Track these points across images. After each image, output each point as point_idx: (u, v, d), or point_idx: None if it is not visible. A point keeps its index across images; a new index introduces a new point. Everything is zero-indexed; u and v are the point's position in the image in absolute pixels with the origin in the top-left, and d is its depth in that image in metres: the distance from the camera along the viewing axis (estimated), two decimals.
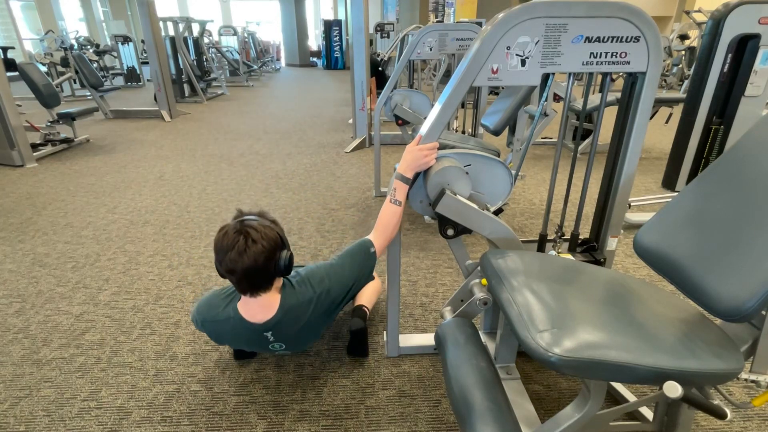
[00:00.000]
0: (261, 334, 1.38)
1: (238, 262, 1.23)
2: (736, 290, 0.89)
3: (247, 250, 1.23)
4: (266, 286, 1.33)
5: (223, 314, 1.39)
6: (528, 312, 0.97)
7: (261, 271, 1.27)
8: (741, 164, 1.07)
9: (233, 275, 1.28)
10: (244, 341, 1.47)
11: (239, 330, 1.38)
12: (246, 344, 1.51)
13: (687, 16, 8.61)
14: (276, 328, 1.37)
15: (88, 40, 10.78)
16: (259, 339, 1.40)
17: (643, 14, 1.19)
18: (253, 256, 1.23)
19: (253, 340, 1.42)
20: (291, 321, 1.38)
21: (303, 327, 1.41)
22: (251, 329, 1.37)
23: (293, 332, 1.41)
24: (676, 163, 2.52)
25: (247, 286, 1.30)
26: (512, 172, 1.41)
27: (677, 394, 0.82)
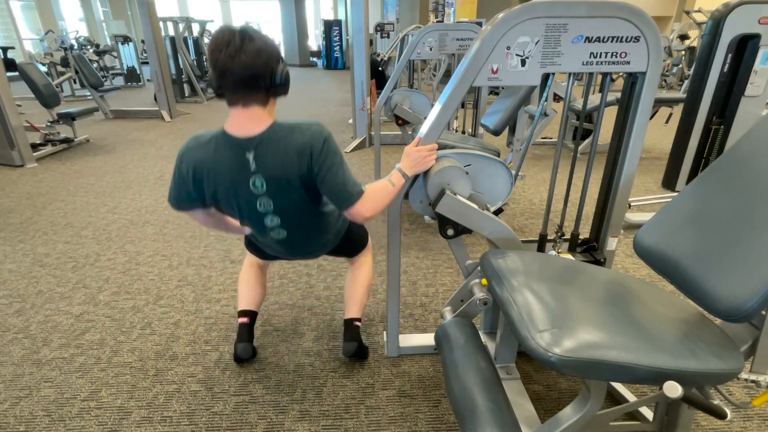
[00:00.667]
0: (243, 156, 1.24)
1: (235, 60, 1.12)
2: (736, 290, 0.89)
3: (244, 47, 1.12)
4: (260, 98, 1.21)
5: (208, 137, 1.27)
6: (528, 312, 0.97)
7: (258, 74, 1.16)
8: (741, 164, 1.07)
9: (227, 78, 1.15)
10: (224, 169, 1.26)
11: (221, 150, 1.24)
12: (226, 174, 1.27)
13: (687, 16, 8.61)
14: (259, 148, 1.23)
15: (88, 40, 10.78)
16: (240, 165, 1.25)
17: (643, 14, 1.19)
18: (251, 55, 1.13)
19: (233, 166, 1.25)
20: (275, 144, 1.24)
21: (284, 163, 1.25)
22: (233, 146, 1.23)
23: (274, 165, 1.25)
24: (676, 163, 2.52)
25: (241, 90, 1.18)
26: (512, 172, 1.41)
27: (677, 394, 0.82)
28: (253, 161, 1.25)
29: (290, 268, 2.33)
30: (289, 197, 1.33)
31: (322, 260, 2.40)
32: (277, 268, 2.33)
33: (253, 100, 1.21)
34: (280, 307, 2.00)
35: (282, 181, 1.29)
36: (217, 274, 2.28)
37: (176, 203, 1.36)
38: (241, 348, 1.60)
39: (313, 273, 2.28)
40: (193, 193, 1.32)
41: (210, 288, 2.16)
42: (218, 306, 2.02)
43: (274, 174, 1.27)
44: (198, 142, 1.28)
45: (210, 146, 1.26)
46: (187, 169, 1.29)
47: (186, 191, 1.32)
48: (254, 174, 1.27)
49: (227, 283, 2.20)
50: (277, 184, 1.29)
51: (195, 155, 1.27)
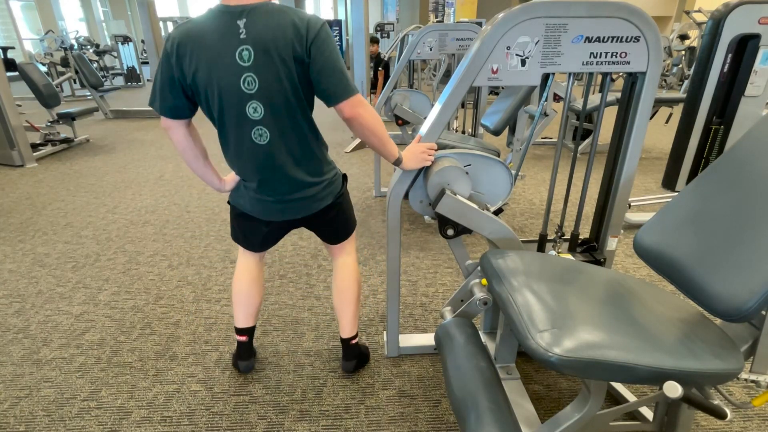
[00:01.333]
0: (233, 23, 1.15)
1: None
2: (736, 290, 0.89)
3: None
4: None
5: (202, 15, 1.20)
6: (528, 312, 0.97)
7: None
8: (741, 164, 1.07)
9: None
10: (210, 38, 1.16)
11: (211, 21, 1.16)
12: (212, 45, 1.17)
13: (687, 16, 8.61)
14: (252, 14, 1.15)
15: (88, 40, 10.78)
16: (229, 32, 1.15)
17: (643, 14, 1.19)
18: None
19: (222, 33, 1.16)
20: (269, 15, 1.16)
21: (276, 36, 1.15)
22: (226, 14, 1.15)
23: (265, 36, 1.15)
24: (676, 163, 2.52)
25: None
26: (512, 172, 1.41)
27: (677, 394, 0.82)
28: (244, 28, 1.15)
29: (290, 268, 2.33)
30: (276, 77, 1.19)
31: (322, 260, 2.41)
32: (277, 267, 2.33)
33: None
34: (280, 307, 2.00)
35: (272, 53, 1.16)
36: (217, 274, 2.28)
37: (160, 104, 1.24)
38: (243, 366, 1.59)
39: (313, 273, 2.29)
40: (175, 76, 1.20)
41: (210, 288, 2.16)
42: (218, 306, 2.02)
43: (264, 43, 1.15)
44: (193, 21, 1.20)
45: (202, 17, 1.18)
46: (172, 44, 1.18)
47: (169, 81, 1.21)
48: (243, 43, 1.16)
49: (227, 283, 2.20)
50: (266, 56, 1.16)
51: (184, 27, 1.18)
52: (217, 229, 2.81)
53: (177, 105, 1.24)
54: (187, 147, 1.33)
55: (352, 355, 1.58)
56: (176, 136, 1.30)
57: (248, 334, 1.58)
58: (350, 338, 1.57)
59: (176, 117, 1.26)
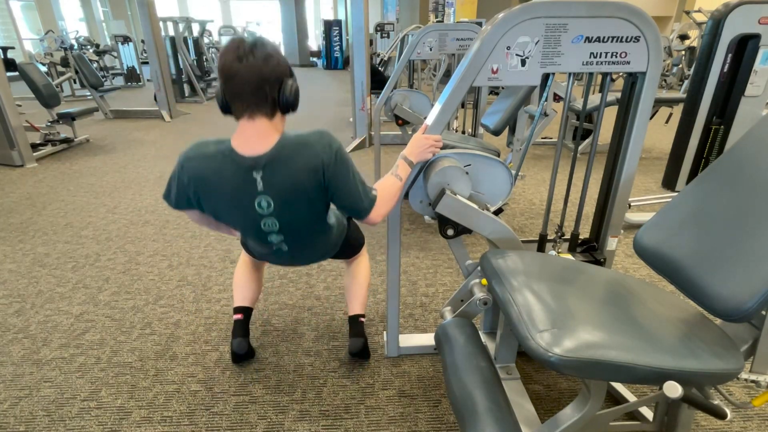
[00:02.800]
0: (250, 175, 1.19)
1: (242, 62, 1.09)
2: (736, 290, 0.89)
3: (254, 51, 1.09)
4: (266, 109, 1.16)
5: (213, 149, 1.21)
6: (528, 312, 0.97)
7: (264, 80, 1.12)
8: (741, 164, 1.07)
9: (233, 81, 1.11)
10: (227, 187, 1.22)
11: (226, 168, 1.19)
12: (229, 193, 1.23)
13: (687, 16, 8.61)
14: (268, 168, 1.19)
15: (88, 40, 10.77)
16: (246, 184, 1.21)
17: (643, 14, 1.19)
18: (260, 58, 1.10)
19: (238, 185, 1.21)
20: (285, 163, 1.19)
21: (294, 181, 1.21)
22: (239, 165, 1.19)
23: (284, 185, 1.21)
24: (676, 163, 2.52)
25: (247, 97, 1.14)
26: (512, 172, 1.41)
27: (677, 394, 0.82)
28: (261, 180, 1.21)
29: (290, 268, 2.33)
30: (296, 215, 1.30)
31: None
32: (276, 268, 2.33)
33: (258, 111, 1.16)
34: (280, 307, 2.00)
35: (291, 201, 1.25)
36: (217, 274, 2.28)
37: (174, 204, 1.33)
38: (236, 343, 1.60)
39: (313, 273, 2.28)
40: (192, 199, 1.29)
41: (210, 288, 2.16)
42: (218, 306, 2.02)
43: (283, 194, 1.23)
44: (202, 153, 1.22)
45: (215, 161, 1.20)
46: (188, 180, 1.24)
47: (185, 197, 1.29)
48: (261, 194, 1.23)
49: (227, 283, 2.20)
50: (285, 204, 1.26)
51: (198, 167, 1.22)
52: None
53: (191, 205, 1.34)
54: (203, 220, 1.44)
55: (359, 332, 1.63)
56: (192, 216, 1.42)
57: (244, 313, 1.65)
58: (358, 315, 1.66)
59: (190, 209, 1.36)
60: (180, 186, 1.27)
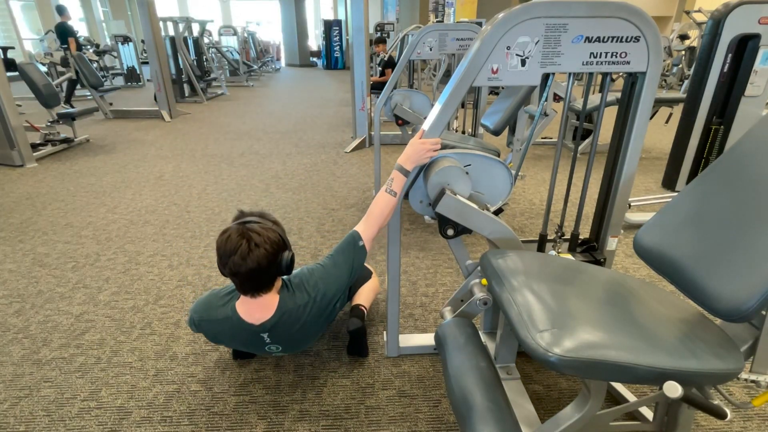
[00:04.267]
0: (258, 335, 1.39)
1: (242, 266, 1.26)
2: (736, 290, 0.89)
3: (250, 254, 1.26)
4: (268, 286, 1.35)
5: (221, 314, 1.40)
6: (528, 312, 0.97)
7: (264, 272, 1.30)
8: (741, 164, 1.07)
9: (237, 277, 1.30)
10: (240, 342, 1.47)
11: (236, 330, 1.39)
12: (242, 345, 1.51)
13: (687, 16, 8.61)
14: (273, 330, 1.38)
15: (88, 40, 10.78)
16: (256, 340, 1.41)
17: (643, 14, 1.19)
18: (256, 260, 1.26)
19: (249, 341, 1.42)
20: (288, 323, 1.39)
21: (300, 329, 1.42)
22: (248, 330, 1.38)
23: (290, 334, 1.42)
24: (676, 163, 2.52)
25: (249, 287, 1.33)
26: (512, 172, 1.41)
27: (677, 394, 0.82)
28: (269, 338, 1.41)
29: None
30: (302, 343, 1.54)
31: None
32: None
33: (261, 290, 1.34)
34: None
35: (298, 341, 1.48)
36: (217, 274, 2.28)
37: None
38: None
39: None
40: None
41: (210, 288, 2.16)
42: None
43: (291, 341, 1.46)
44: (211, 317, 1.43)
45: (224, 325, 1.41)
46: (205, 334, 1.50)
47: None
48: (271, 343, 1.44)
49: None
50: (293, 343, 1.48)
51: (209, 328, 1.45)
52: (217, 229, 2.81)
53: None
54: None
55: (357, 315, 1.69)
56: None
57: None
58: (360, 304, 1.73)
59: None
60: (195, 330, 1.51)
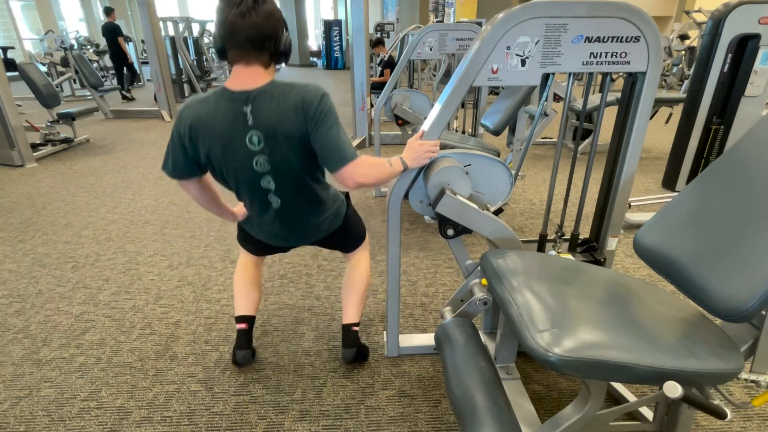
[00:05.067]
0: (240, 108, 1.24)
1: (245, 18, 1.15)
2: (736, 290, 0.89)
3: (256, 8, 1.16)
4: (263, 59, 1.23)
5: (208, 93, 1.29)
6: (528, 312, 0.97)
7: (266, 35, 1.20)
8: (741, 164, 1.07)
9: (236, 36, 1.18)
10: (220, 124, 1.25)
11: (219, 105, 1.25)
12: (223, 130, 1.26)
13: (687, 16, 8.61)
14: (257, 101, 1.23)
15: (88, 40, 10.78)
16: (237, 118, 1.24)
17: (643, 14, 1.19)
18: (262, 15, 1.17)
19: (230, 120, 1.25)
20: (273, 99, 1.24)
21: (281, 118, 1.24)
22: (231, 100, 1.24)
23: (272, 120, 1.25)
24: (676, 163, 2.52)
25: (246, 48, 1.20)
26: (512, 172, 1.41)
27: (677, 394, 0.82)
28: (250, 114, 1.25)
29: (290, 267, 2.33)
30: (285, 157, 1.30)
31: (322, 260, 2.40)
32: (277, 267, 2.33)
33: (256, 60, 1.23)
34: (280, 307, 2.00)
35: (278, 137, 1.27)
36: (217, 274, 2.28)
37: (172, 170, 1.34)
38: (241, 356, 1.58)
39: (313, 273, 2.28)
40: (189, 153, 1.30)
41: (210, 288, 2.16)
42: (218, 306, 2.02)
43: (271, 129, 1.26)
44: (197, 99, 1.29)
45: (209, 101, 1.27)
46: (184, 127, 1.28)
47: (182, 155, 1.31)
48: (251, 129, 1.26)
49: (227, 283, 2.20)
50: (274, 140, 1.28)
51: (193, 111, 1.28)
52: (217, 229, 2.81)
53: (189, 171, 1.35)
54: (201, 197, 1.45)
55: (351, 342, 1.60)
56: (191, 190, 1.42)
57: (248, 323, 1.62)
58: (351, 324, 1.62)
59: (189, 177, 1.37)
60: (177, 143, 1.30)
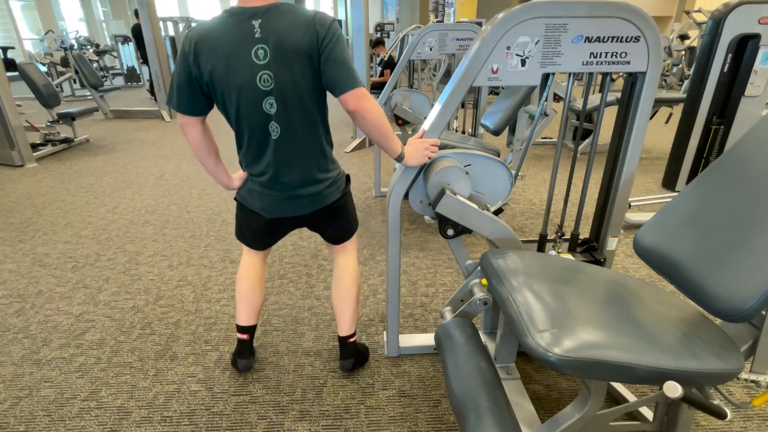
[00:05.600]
0: (249, 23, 1.21)
1: None
2: (736, 290, 0.89)
3: None
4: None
5: (217, 15, 1.26)
6: (528, 312, 0.97)
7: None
8: (741, 164, 1.07)
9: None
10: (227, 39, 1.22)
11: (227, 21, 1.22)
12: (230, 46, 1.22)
13: (687, 16, 8.61)
14: (267, 15, 1.21)
15: (88, 40, 10.78)
16: (245, 31, 1.21)
17: (643, 14, 1.19)
18: None
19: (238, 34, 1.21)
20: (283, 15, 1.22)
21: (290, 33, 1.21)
22: (241, 14, 1.21)
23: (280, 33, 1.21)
24: (676, 163, 2.52)
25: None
26: (512, 172, 1.41)
27: (677, 394, 0.82)
28: (258, 28, 1.22)
29: (290, 267, 2.33)
30: (290, 74, 1.24)
31: (322, 260, 2.41)
32: (277, 267, 2.33)
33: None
34: (280, 307, 2.00)
35: (286, 51, 1.22)
36: (217, 274, 2.28)
37: (177, 102, 1.30)
38: (242, 364, 1.58)
39: (313, 273, 2.29)
40: (193, 74, 1.26)
41: (210, 288, 2.16)
42: (218, 306, 2.02)
43: (279, 42, 1.22)
44: (207, 21, 1.26)
45: (217, 19, 1.25)
46: (189, 44, 1.24)
47: (187, 80, 1.26)
48: (258, 42, 1.22)
49: (227, 283, 2.20)
50: (281, 54, 1.23)
51: (201, 29, 1.25)
52: (217, 229, 2.81)
53: (194, 101, 1.30)
54: (202, 144, 1.39)
55: (349, 354, 1.58)
56: (192, 133, 1.36)
57: (250, 333, 1.59)
58: (348, 336, 1.58)
59: (193, 113, 1.32)
60: (182, 67, 1.26)
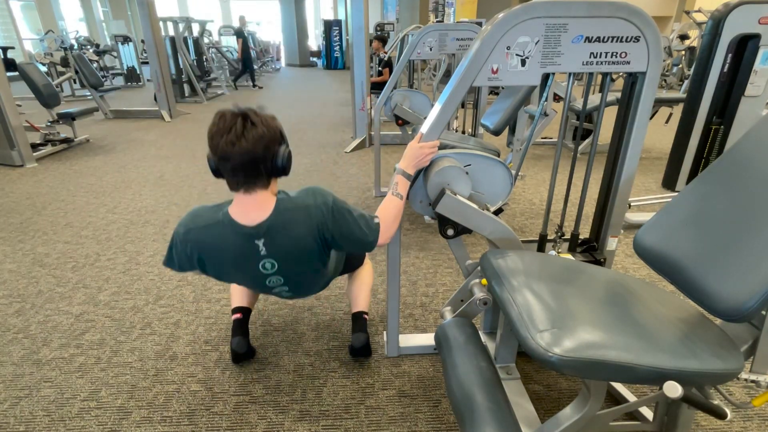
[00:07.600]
0: (252, 243, 1.23)
1: (235, 146, 1.10)
2: (736, 290, 0.89)
3: (245, 133, 1.10)
4: (262, 181, 1.19)
5: (211, 219, 1.24)
6: (528, 312, 0.97)
7: (258, 159, 1.14)
8: (741, 164, 1.07)
9: (227, 163, 1.13)
10: (230, 255, 1.25)
11: (227, 237, 1.22)
12: (233, 259, 1.27)
13: (687, 16, 8.61)
14: (268, 234, 1.22)
15: (88, 40, 10.78)
16: (249, 251, 1.24)
17: (643, 14, 1.19)
18: (251, 141, 1.11)
19: (241, 252, 1.25)
20: (285, 228, 1.23)
21: (297, 245, 1.26)
22: (241, 235, 1.22)
23: (287, 248, 1.26)
24: (676, 163, 2.52)
25: (242, 177, 1.17)
26: (512, 172, 1.41)
27: (677, 394, 0.82)
28: (263, 246, 1.25)
29: None
30: (299, 269, 1.36)
31: None
32: None
33: (254, 185, 1.19)
34: (280, 307, 2.00)
35: (295, 259, 1.31)
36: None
37: (179, 269, 1.36)
38: (236, 342, 1.60)
39: None
40: (195, 264, 1.32)
41: (210, 288, 2.16)
42: (218, 306, 2.02)
43: (287, 256, 1.29)
44: (200, 224, 1.25)
45: (214, 232, 1.24)
46: (191, 251, 1.27)
47: (188, 264, 1.33)
48: (264, 257, 1.28)
49: (227, 284, 2.20)
50: (289, 263, 1.32)
51: (198, 239, 1.25)
52: None
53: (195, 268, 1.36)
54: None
55: (361, 328, 1.65)
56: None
57: (243, 313, 1.66)
58: (362, 312, 1.69)
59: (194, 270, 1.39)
60: (182, 255, 1.30)
